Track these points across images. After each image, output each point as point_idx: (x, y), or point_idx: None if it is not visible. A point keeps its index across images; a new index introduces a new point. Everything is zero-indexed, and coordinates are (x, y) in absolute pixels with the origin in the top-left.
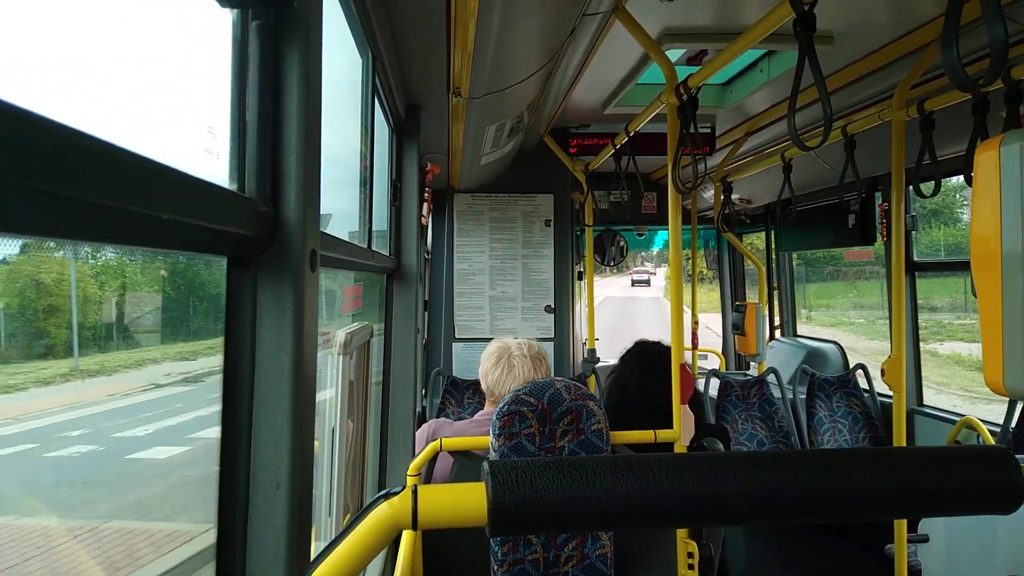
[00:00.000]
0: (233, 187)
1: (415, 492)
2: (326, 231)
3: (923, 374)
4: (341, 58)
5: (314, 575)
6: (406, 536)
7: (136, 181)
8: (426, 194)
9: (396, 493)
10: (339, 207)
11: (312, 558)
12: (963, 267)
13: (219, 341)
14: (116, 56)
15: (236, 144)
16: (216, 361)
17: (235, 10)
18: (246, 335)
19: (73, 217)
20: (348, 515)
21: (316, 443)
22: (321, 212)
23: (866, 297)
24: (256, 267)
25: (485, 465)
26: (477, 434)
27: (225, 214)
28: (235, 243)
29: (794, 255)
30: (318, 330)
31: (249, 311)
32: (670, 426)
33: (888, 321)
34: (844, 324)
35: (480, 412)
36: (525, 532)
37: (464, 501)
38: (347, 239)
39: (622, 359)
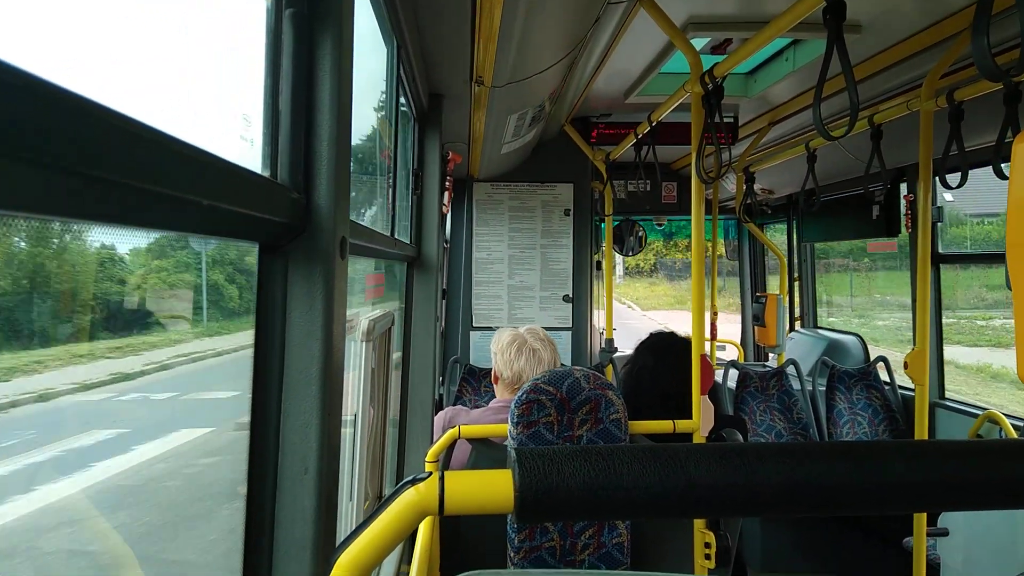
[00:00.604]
0: (266, 174)
1: (442, 478)
2: (355, 220)
3: (986, 400)
4: (367, 47)
5: (341, 558)
6: (424, 524)
7: (177, 166)
8: (447, 183)
9: (423, 479)
10: (365, 195)
11: (338, 543)
12: (992, 260)
13: (42, 354)
14: (155, 44)
15: (269, 132)
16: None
17: None
18: (276, 321)
19: (116, 201)
20: (368, 501)
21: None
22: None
23: (835, 294)
24: (287, 254)
25: (512, 452)
26: (493, 421)
27: (259, 201)
28: (268, 229)
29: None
30: (346, 317)
31: (280, 297)
32: (682, 417)
33: (850, 320)
34: None
35: (495, 400)
36: (552, 519)
37: (490, 488)
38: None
39: (636, 350)
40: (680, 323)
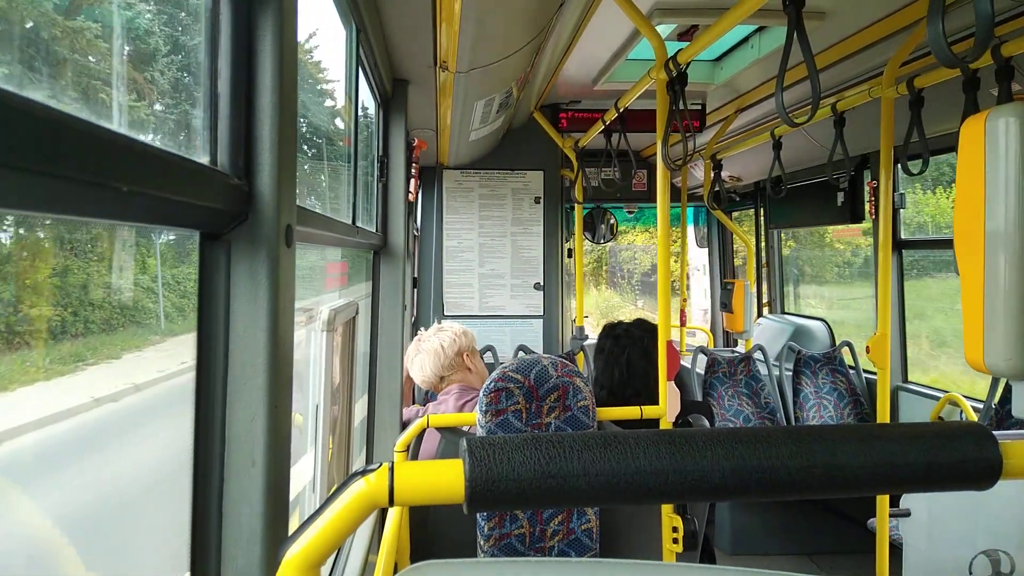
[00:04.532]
0: (205, 160)
1: (391, 469)
2: (308, 207)
3: None
4: (324, 31)
5: (289, 552)
6: (393, 512)
7: (102, 154)
8: (413, 170)
9: (373, 470)
10: (327, 183)
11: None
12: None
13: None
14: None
15: (208, 116)
16: None
17: None
18: (219, 311)
19: (44, 191)
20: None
21: (300, 418)
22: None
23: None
24: (230, 242)
25: (463, 442)
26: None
27: (196, 188)
28: (207, 217)
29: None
30: (294, 307)
31: (223, 286)
32: (639, 403)
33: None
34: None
35: (433, 404)
36: (503, 508)
37: (442, 478)
38: (332, 215)
39: (600, 337)
40: None
